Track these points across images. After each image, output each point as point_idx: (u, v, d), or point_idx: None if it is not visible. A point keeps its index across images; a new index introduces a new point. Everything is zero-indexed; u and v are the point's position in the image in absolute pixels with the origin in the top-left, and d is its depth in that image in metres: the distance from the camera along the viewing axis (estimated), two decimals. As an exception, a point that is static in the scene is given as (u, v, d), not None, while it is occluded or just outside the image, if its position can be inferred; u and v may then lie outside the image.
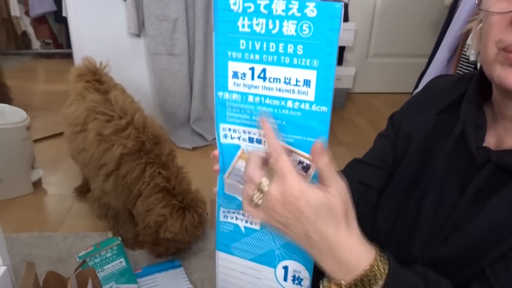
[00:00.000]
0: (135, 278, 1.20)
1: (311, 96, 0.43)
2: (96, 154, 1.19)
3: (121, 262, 1.24)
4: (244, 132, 0.48)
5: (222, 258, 0.56)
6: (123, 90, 1.42)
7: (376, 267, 0.43)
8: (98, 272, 1.20)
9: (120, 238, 1.32)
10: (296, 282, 0.51)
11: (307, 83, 0.42)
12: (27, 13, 3.44)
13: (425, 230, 0.56)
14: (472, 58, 1.52)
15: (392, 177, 0.67)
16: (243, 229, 0.53)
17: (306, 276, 0.51)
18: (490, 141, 0.55)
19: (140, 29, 2.04)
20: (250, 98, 0.45)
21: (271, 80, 0.43)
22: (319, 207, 0.41)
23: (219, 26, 0.43)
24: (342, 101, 2.69)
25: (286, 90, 0.43)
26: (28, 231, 1.44)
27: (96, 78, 1.37)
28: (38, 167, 1.78)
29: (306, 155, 0.45)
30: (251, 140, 0.48)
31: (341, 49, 2.58)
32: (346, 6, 2.46)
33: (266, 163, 0.47)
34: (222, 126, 0.48)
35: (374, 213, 0.68)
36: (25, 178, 1.68)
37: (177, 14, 1.96)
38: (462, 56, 1.59)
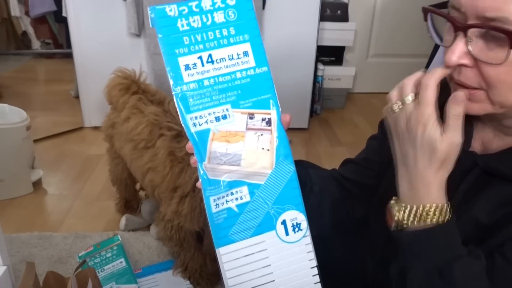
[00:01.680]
0: (135, 278, 1.20)
1: (252, 63, 0.53)
2: (170, 176, 1.12)
3: (121, 262, 1.24)
4: (210, 114, 0.53)
5: (225, 253, 0.55)
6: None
7: (434, 210, 0.49)
8: (98, 272, 1.20)
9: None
10: (296, 229, 0.54)
11: (246, 53, 0.53)
12: (27, 13, 3.43)
13: None
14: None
15: (378, 176, 0.72)
16: (236, 208, 0.53)
17: (302, 218, 0.55)
18: (475, 146, 0.57)
19: (140, 29, 2.04)
20: (206, 82, 0.53)
21: (218, 61, 0.53)
22: (428, 143, 0.48)
23: (162, 31, 0.52)
24: (342, 101, 2.69)
25: (233, 65, 0.53)
26: (28, 231, 1.44)
27: (142, 88, 1.32)
28: (38, 167, 1.78)
29: (264, 111, 0.53)
30: (217, 119, 0.53)
31: (341, 49, 2.58)
32: (346, 6, 2.46)
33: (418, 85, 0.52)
34: (189, 116, 0.53)
35: (351, 199, 0.78)
36: (25, 178, 1.68)
37: (177, 14, 1.96)
38: (462, 56, 1.59)
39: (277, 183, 0.53)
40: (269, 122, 0.53)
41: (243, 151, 0.53)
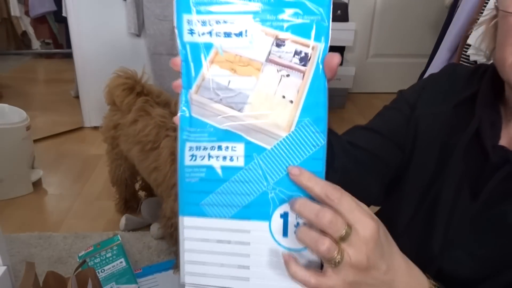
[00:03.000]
0: (135, 278, 1.20)
1: None
2: (169, 174, 1.15)
3: (121, 262, 1.24)
4: (218, 22, 0.36)
5: (189, 226, 0.38)
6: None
7: None
8: (98, 272, 1.20)
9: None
10: None
11: None
12: (27, 13, 3.44)
13: (441, 230, 0.53)
14: (472, 58, 1.52)
15: (405, 158, 0.61)
16: (219, 171, 0.37)
17: None
18: (502, 141, 0.52)
19: (140, 29, 2.04)
20: None
21: None
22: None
23: None
24: (342, 101, 2.69)
25: None
26: (28, 231, 1.44)
27: (147, 89, 1.33)
28: (38, 167, 1.78)
29: (304, 40, 0.35)
30: (227, 33, 0.36)
31: (341, 49, 2.58)
32: (346, 6, 2.46)
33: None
34: (186, 18, 0.36)
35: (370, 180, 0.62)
36: (25, 178, 1.68)
37: (177, 14, 1.96)
38: (462, 56, 1.59)
39: (291, 155, 0.36)
40: (305, 59, 0.35)
41: (252, 91, 0.36)
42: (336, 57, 0.35)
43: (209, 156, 0.37)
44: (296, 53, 0.35)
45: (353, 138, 0.62)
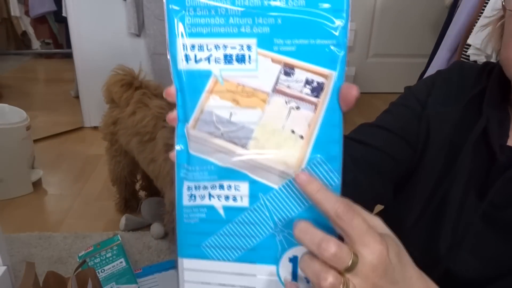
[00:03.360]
0: (135, 278, 1.20)
1: None
2: (163, 165, 1.15)
3: (121, 262, 1.24)
4: (217, 47, 0.31)
5: (190, 269, 0.35)
6: None
7: None
8: (98, 272, 1.20)
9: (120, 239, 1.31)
10: None
11: None
12: (27, 13, 3.44)
13: (449, 230, 0.52)
14: (472, 58, 1.52)
15: (416, 157, 0.59)
16: (221, 211, 0.34)
17: None
18: (509, 141, 0.51)
19: (140, 29, 2.04)
20: None
21: None
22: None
23: None
24: (342, 101, 2.69)
25: None
26: (28, 231, 1.44)
27: (145, 84, 1.33)
28: (38, 167, 1.78)
29: (316, 68, 0.31)
30: (228, 58, 0.31)
31: (341, 49, 2.57)
32: (346, 6, 2.46)
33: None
34: (180, 42, 0.32)
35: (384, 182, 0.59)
36: (25, 178, 1.68)
37: (177, 14, 1.96)
38: (462, 56, 1.59)
39: (301, 195, 0.32)
40: (317, 90, 0.31)
41: (257, 125, 0.32)
42: (354, 89, 0.31)
43: (210, 196, 0.34)
44: (308, 82, 0.31)
45: (361, 136, 0.59)
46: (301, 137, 0.31)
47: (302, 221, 0.31)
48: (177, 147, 0.34)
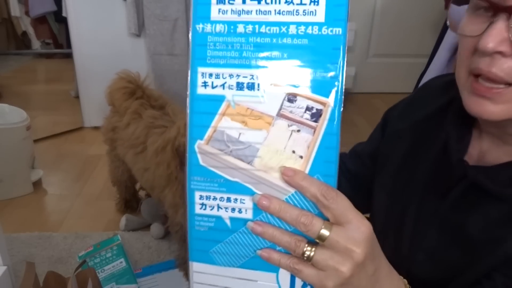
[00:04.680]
0: (135, 278, 1.20)
1: (320, 16, 0.35)
2: (156, 171, 1.13)
3: (121, 262, 1.24)
4: (231, 76, 0.37)
5: (198, 271, 0.40)
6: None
7: None
8: (98, 272, 1.20)
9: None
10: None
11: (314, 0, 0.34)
12: (27, 13, 3.44)
13: (409, 235, 0.56)
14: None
15: (373, 168, 0.67)
16: (228, 222, 0.38)
17: None
18: (472, 153, 0.53)
19: (140, 29, 2.04)
20: (240, 28, 0.36)
21: (268, 0, 0.35)
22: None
23: None
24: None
25: (288, 12, 0.35)
26: (28, 231, 1.44)
27: (147, 94, 1.32)
28: (38, 167, 1.78)
29: (315, 96, 0.36)
30: (240, 86, 0.37)
31: (341, 49, 2.57)
32: (346, 6, 2.46)
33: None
34: (201, 70, 0.37)
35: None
36: (25, 178, 1.68)
37: (177, 14, 1.96)
38: (462, 56, 1.59)
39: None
40: (316, 116, 0.36)
41: (262, 144, 0.36)
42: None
43: (218, 207, 0.38)
44: (308, 109, 0.36)
45: (352, 164, 0.73)
46: (301, 157, 0.36)
47: (282, 202, 0.36)
48: (189, 160, 0.38)
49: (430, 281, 0.53)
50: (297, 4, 0.35)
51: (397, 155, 0.62)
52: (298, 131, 0.36)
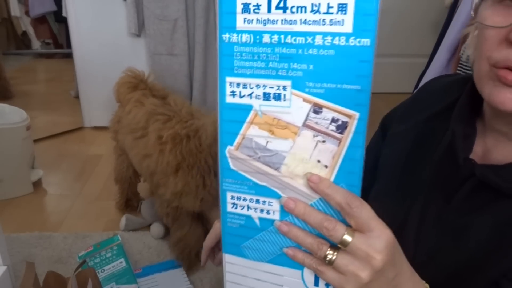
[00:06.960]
0: (135, 278, 1.20)
1: (348, 27, 0.34)
2: (160, 158, 1.15)
3: (121, 262, 1.24)
4: (258, 86, 0.37)
5: (231, 262, 0.44)
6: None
7: None
8: (98, 272, 1.20)
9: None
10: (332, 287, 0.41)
11: (342, 8, 0.34)
12: (27, 13, 3.44)
13: (412, 238, 0.55)
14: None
15: (373, 174, 0.66)
16: (257, 221, 0.41)
17: None
18: (477, 151, 0.53)
19: (140, 29, 2.04)
20: (266, 38, 0.36)
21: (294, 9, 0.35)
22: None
23: None
24: (342, 101, 2.69)
25: (314, 22, 0.34)
26: (28, 231, 1.44)
27: (149, 87, 1.36)
28: (38, 167, 1.78)
29: (341, 108, 0.36)
30: (266, 96, 0.37)
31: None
32: (346, 6, 2.47)
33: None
34: (229, 80, 0.38)
35: None
36: (25, 178, 1.68)
37: (177, 14, 1.96)
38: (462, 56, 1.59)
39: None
40: (342, 127, 0.36)
41: (289, 153, 0.38)
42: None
43: (248, 207, 0.41)
44: (333, 120, 0.36)
45: None
46: (326, 166, 0.37)
47: (307, 205, 0.37)
48: (221, 164, 0.40)
49: (434, 283, 0.52)
50: (324, 13, 0.34)
51: (400, 156, 0.61)
52: (324, 141, 0.37)
